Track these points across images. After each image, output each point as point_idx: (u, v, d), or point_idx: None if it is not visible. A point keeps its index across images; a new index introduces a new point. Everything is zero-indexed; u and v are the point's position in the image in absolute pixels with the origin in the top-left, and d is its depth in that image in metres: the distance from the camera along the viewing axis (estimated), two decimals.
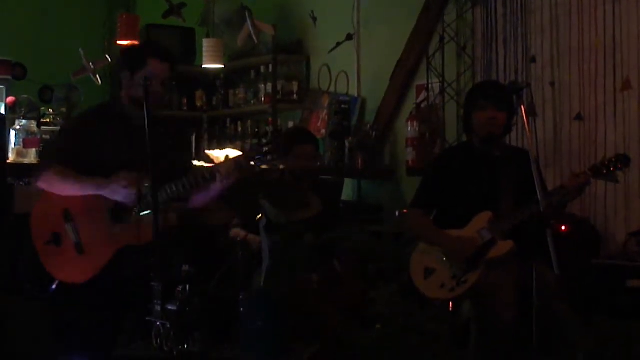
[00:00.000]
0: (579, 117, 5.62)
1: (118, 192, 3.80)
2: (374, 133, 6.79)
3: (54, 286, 3.84)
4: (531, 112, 5.66)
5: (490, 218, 4.32)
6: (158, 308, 3.84)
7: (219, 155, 6.39)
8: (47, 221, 3.88)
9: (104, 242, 3.83)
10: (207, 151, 6.48)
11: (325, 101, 7.12)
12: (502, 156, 4.47)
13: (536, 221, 4.02)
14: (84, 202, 3.86)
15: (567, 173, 5.38)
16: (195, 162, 6.15)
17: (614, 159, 4.24)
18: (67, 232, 3.83)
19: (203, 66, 7.36)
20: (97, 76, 6.25)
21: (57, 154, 3.97)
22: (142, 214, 3.84)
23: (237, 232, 5.11)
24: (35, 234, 3.91)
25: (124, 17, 7.11)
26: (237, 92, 7.85)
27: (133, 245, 3.82)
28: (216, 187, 3.95)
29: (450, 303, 4.41)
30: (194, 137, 7.77)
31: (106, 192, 3.81)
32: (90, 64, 6.19)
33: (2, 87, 6.42)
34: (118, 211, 3.86)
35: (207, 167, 4.01)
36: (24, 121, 5.72)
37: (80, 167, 3.89)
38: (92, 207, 3.85)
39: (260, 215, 4.89)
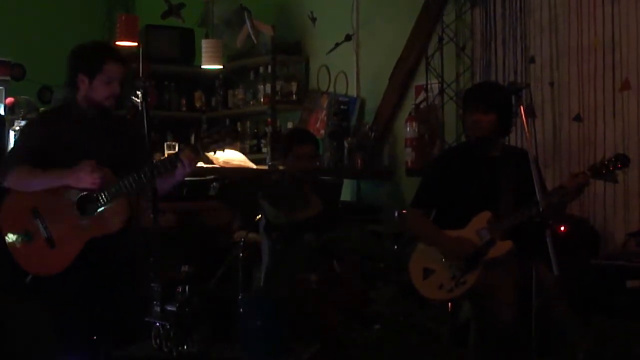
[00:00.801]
0: (578, 118, 5.62)
1: (83, 179, 3.92)
2: (373, 133, 6.80)
3: (28, 279, 3.99)
4: (530, 113, 5.66)
5: (489, 218, 4.33)
6: (157, 309, 3.85)
7: (218, 156, 6.41)
8: (17, 219, 4.02)
9: (73, 234, 3.96)
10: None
11: (324, 102, 7.12)
12: (500, 157, 4.48)
13: (535, 222, 4.02)
14: (50, 198, 3.99)
15: (566, 173, 5.39)
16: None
17: (613, 159, 4.24)
18: (37, 229, 3.96)
19: (202, 67, 7.35)
20: None
21: (20, 153, 4.10)
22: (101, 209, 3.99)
23: (240, 234, 5.11)
24: (6, 231, 4.04)
25: (123, 17, 7.10)
26: (236, 92, 7.85)
27: (102, 235, 3.97)
28: (180, 173, 4.07)
29: (450, 303, 4.41)
30: (192, 138, 7.77)
31: (71, 180, 3.94)
32: None
33: (1, 87, 6.42)
34: (84, 204, 3.99)
35: (167, 156, 4.21)
36: (23, 122, 5.71)
37: (44, 165, 4.02)
38: (59, 202, 3.98)
39: (260, 215, 4.89)
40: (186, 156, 4.03)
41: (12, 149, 4.24)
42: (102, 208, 3.98)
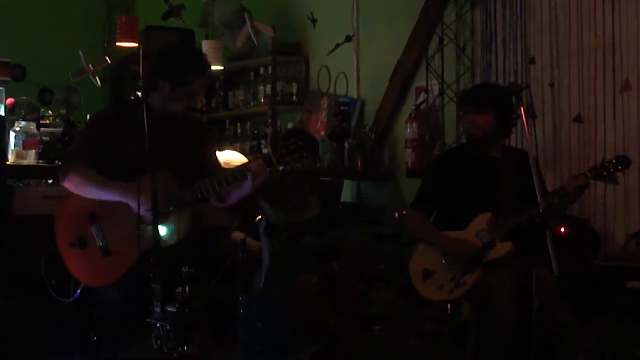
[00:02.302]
0: (578, 118, 5.62)
1: (143, 207, 3.67)
2: (373, 134, 6.79)
3: (78, 292, 3.81)
4: (530, 113, 5.66)
5: (489, 219, 4.33)
6: (158, 309, 3.84)
7: (219, 156, 6.40)
8: (73, 223, 3.82)
9: (129, 244, 3.73)
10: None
11: (325, 102, 7.12)
12: (500, 158, 4.48)
13: (536, 223, 4.02)
14: (111, 204, 3.80)
15: (566, 174, 5.39)
16: None
17: (613, 160, 4.24)
18: (92, 235, 3.76)
19: None
20: (97, 77, 6.23)
21: (83, 152, 3.87)
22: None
23: (237, 235, 5.11)
24: (59, 234, 3.85)
25: (123, 18, 7.09)
26: (236, 93, 7.84)
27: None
28: (247, 186, 3.87)
29: (449, 304, 4.41)
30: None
31: (130, 201, 3.72)
32: (90, 65, 6.17)
33: (1, 88, 6.40)
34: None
35: (237, 166, 3.94)
36: (23, 123, 5.70)
37: (104, 166, 3.83)
38: (119, 208, 3.78)
39: (260, 216, 4.89)
40: (256, 166, 3.81)
41: (74, 146, 3.97)
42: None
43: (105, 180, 3.78)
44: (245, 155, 6.71)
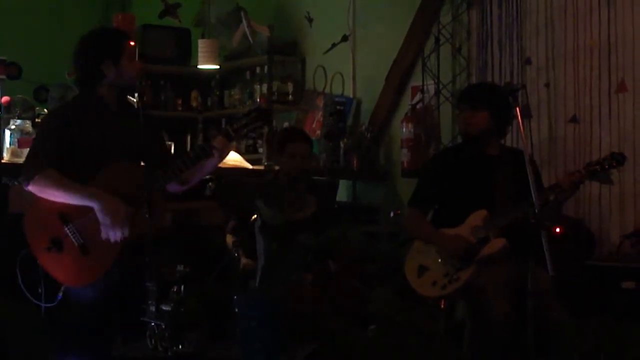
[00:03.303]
0: (573, 119, 5.63)
1: (107, 217, 3.65)
2: (369, 134, 6.79)
3: (60, 295, 3.74)
4: (526, 114, 5.66)
5: (485, 216, 4.34)
6: (153, 308, 3.84)
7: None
8: (43, 227, 3.75)
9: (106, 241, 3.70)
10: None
11: (321, 102, 7.11)
12: (497, 156, 4.49)
13: (531, 223, 4.01)
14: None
15: (561, 174, 5.37)
16: None
17: (608, 157, 4.24)
18: (67, 235, 3.70)
19: (198, 67, 7.35)
20: None
21: (45, 153, 3.79)
22: None
23: (231, 240, 5.10)
24: (32, 242, 3.78)
25: (120, 17, 7.09)
26: (232, 92, 7.84)
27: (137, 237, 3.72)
28: (210, 165, 3.89)
29: (443, 301, 4.41)
30: (188, 138, 7.76)
31: (96, 207, 3.67)
32: None
33: None
34: None
35: (200, 144, 4.09)
36: (18, 121, 5.69)
37: (68, 162, 3.77)
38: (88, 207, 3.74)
39: (255, 215, 4.89)
40: (218, 142, 3.84)
41: (35, 147, 3.86)
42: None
43: (71, 184, 3.72)
44: (241, 155, 6.73)
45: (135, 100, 3.90)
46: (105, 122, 3.83)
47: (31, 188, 3.73)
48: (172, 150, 6.06)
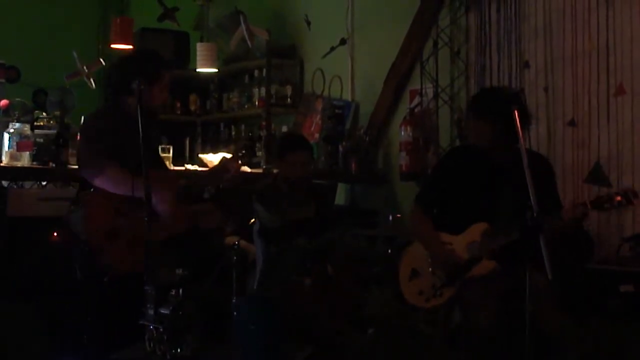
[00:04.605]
0: (572, 122, 5.63)
1: (164, 209, 4.22)
2: (367, 137, 6.80)
3: (106, 279, 4.13)
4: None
5: (484, 230, 4.30)
6: (151, 312, 3.84)
7: (212, 159, 6.41)
8: (104, 216, 4.19)
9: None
10: (200, 155, 6.49)
11: (319, 105, 7.12)
12: (506, 163, 4.37)
13: (529, 226, 3.99)
14: (130, 199, 4.11)
15: (560, 178, 5.36)
16: (189, 166, 6.15)
17: (619, 198, 4.09)
18: (121, 227, 4.15)
19: (197, 70, 7.36)
20: (91, 79, 6.23)
21: (106, 151, 4.21)
22: None
23: (231, 240, 5.10)
24: (95, 226, 4.18)
25: (118, 20, 7.10)
26: (230, 96, 7.85)
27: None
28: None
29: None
30: (187, 141, 7.77)
31: (157, 198, 4.10)
32: (84, 67, 6.17)
33: None
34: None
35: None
36: (17, 124, 5.69)
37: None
38: (138, 204, 4.04)
39: (254, 219, 4.89)
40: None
41: (92, 145, 4.28)
42: None
43: (130, 178, 4.11)
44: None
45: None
46: (134, 133, 4.12)
47: (100, 179, 4.20)
48: (171, 154, 6.13)
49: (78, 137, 4.70)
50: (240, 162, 4.62)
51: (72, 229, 4.32)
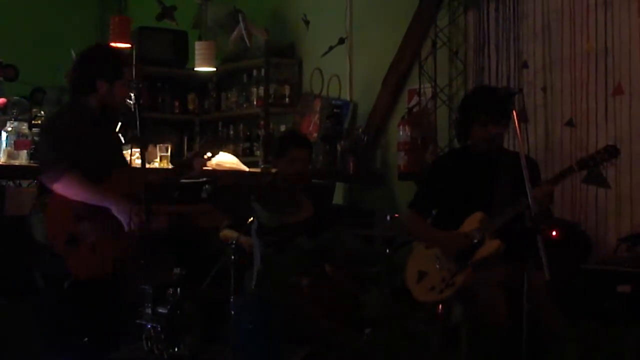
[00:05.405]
0: (570, 123, 5.63)
1: (124, 214, 4.05)
2: (365, 137, 6.80)
3: (66, 284, 4.03)
4: (523, 118, 5.67)
5: (481, 218, 4.34)
6: (149, 311, 3.85)
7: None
8: (63, 222, 4.07)
9: (111, 240, 4.07)
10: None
11: (317, 105, 7.12)
12: (495, 159, 4.46)
13: (527, 226, 4.01)
14: (91, 204, 4.07)
15: None
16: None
17: (602, 151, 4.21)
18: (81, 233, 4.03)
19: (195, 69, 7.35)
20: None
21: (65, 154, 4.09)
22: None
23: (227, 234, 5.11)
24: (53, 236, 4.09)
25: (116, 19, 7.09)
26: (229, 95, 7.84)
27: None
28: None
29: (440, 306, 4.42)
30: (185, 139, 7.77)
31: (113, 209, 4.06)
32: None
33: None
34: None
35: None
36: (15, 123, 5.68)
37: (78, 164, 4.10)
38: (100, 208, 4.07)
39: (252, 218, 4.88)
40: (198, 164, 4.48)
41: (53, 147, 4.17)
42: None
43: (92, 186, 4.09)
44: (238, 157, 6.73)
45: (132, 101, 3.98)
46: (99, 131, 4.18)
47: (57, 186, 4.06)
48: (169, 153, 6.13)
49: (39, 136, 4.70)
50: (206, 157, 4.55)
51: (33, 234, 4.27)
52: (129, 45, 6.86)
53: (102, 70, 4.20)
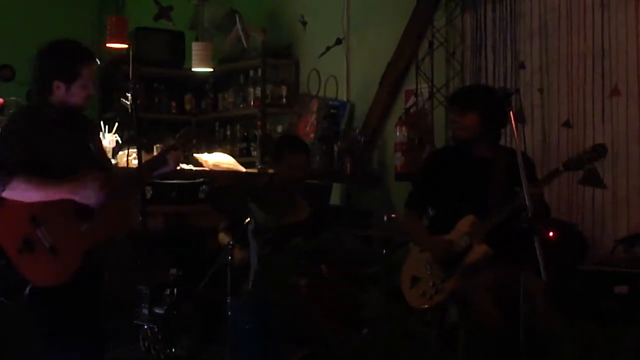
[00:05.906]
0: (567, 123, 5.63)
1: (90, 196, 3.80)
2: (362, 138, 6.80)
3: (26, 291, 3.78)
4: (520, 118, 5.67)
5: (472, 222, 4.32)
6: (145, 311, 3.84)
7: (207, 158, 6.40)
8: (15, 228, 3.79)
9: (75, 242, 3.80)
10: (195, 155, 6.48)
11: (314, 105, 7.12)
12: (488, 158, 4.45)
13: (524, 227, 4.01)
14: (50, 205, 3.80)
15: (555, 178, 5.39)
16: (184, 166, 6.15)
17: (589, 150, 4.21)
18: (38, 237, 3.76)
19: (192, 69, 7.35)
20: None
21: (12, 161, 3.81)
22: None
23: (223, 239, 5.09)
24: (4, 242, 3.80)
25: (113, 19, 7.09)
26: (226, 95, 7.84)
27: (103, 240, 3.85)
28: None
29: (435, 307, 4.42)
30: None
31: (77, 197, 3.79)
32: None
33: None
34: (84, 209, 3.83)
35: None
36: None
37: (35, 168, 3.82)
38: (59, 209, 3.81)
39: (249, 219, 4.88)
40: (172, 156, 4.07)
41: (2, 154, 3.84)
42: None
43: (41, 181, 3.80)
44: (235, 158, 6.73)
45: (128, 102, 3.93)
46: (61, 134, 3.89)
47: (7, 193, 3.75)
48: None
49: None
50: (183, 151, 4.20)
51: None
52: (126, 46, 6.85)
53: (58, 71, 3.94)
